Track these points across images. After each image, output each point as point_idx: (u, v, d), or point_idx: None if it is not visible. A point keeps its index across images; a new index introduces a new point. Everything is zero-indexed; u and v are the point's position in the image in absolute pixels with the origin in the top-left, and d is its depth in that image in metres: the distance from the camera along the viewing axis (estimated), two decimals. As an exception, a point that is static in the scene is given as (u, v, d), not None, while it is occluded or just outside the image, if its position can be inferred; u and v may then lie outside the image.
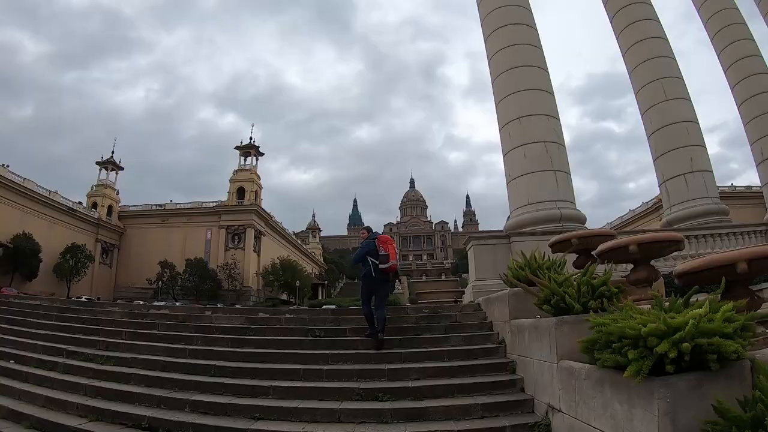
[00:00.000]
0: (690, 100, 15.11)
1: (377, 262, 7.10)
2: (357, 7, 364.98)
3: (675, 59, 15.69)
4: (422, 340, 6.83)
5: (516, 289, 6.52)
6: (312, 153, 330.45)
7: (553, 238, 7.74)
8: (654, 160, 15.06)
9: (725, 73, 17.68)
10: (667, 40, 15.99)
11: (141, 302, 47.12)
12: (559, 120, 13.83)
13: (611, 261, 6.43)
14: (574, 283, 5.32)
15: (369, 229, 7.75)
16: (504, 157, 13.79)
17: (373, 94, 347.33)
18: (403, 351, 6.47)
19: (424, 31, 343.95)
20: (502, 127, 13.97)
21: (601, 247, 6.66)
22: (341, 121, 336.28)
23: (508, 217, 13.20)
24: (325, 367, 6.21)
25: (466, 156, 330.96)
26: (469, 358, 6.36)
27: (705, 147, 14.65)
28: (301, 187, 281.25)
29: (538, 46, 14.71)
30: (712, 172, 14.40)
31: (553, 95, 14.19)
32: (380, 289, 7.15)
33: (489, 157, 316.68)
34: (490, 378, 5.87)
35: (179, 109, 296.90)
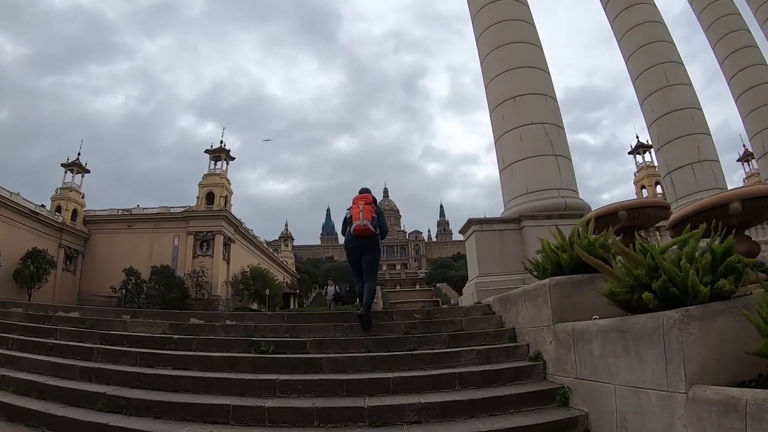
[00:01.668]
0: (692, 87, 13.34)
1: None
2: (342, 18, 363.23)
3: (675, 45, 13.95)
4: (418, 359, 4.37)
5: (560, 278, 4.22)
6: (290, 163, 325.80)
7: (591, 213, 5.55)
8: (656, 151, 13.20)
9: (721, 65, 16.14)
10: (666, 26, 14.25)
11: (103, 311, 43.67)
12: (557, 102, 11.78)
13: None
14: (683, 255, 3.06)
15: (361, 190, 6.23)
16: (496, 142, 11.59)
17: (355, 105, 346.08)
18: (391, 375, 4.03)
19: (407, 44, 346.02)
20: (494, 108, 11.79)
21: (688, 209, 4.92)
22: (321, 131, 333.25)
23: (503, 211, 10.98)
24: (269, 403, 3.73)
25: (443, 167, 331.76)
26: (491, 383, 3.99)
27: (710, 135, 12.84)
28: (278, 197, 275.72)
29: (531, 23, 12.71)
30: (719, 161, 12.59)
31: (550, 75, 12.15)
32: (363, 255, 5.78)
33: (466, 169, 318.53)
34: (533, 417, 3.51)
35: (158, 117, 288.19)
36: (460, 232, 8.71)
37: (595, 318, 4.01)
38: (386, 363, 4.30)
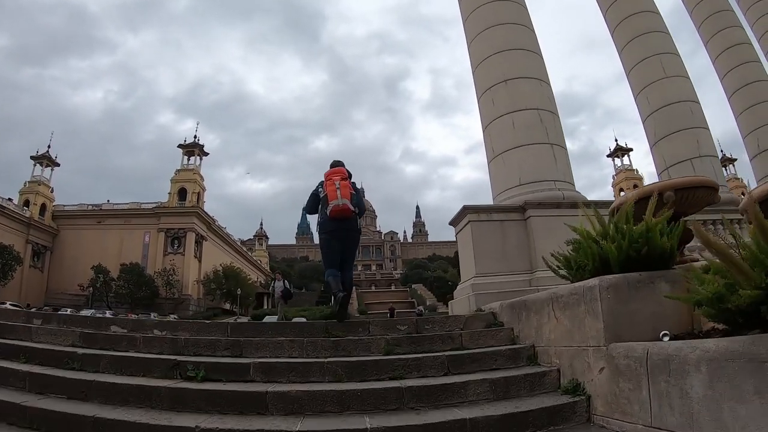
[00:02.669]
0: (690, 80, 12.33)
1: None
2: (327, 18, 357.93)
3: (671, 36, 12.94)
4: (407, 394, 2.92)
5: (613, 278, 2.88)
6: (269, 162, 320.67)
7: (629, 194, 4.26)
8: (652, 146, 12.08)
9: (713, 63, 15.24)
10: (662, 17, 13.25)
11: (68, 310, 40.95)
12: (551, 87, 10.56)
13: None
14: None
15: (332, 164, 5.22)
16: (485, 129, 10.28)
17: (336, 105, 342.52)
18: (368, 425, 2.62)
19: (390, 46, 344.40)
20: (483, 93, 10.47)
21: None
22: (302, 131, 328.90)
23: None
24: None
25: (422, 169, 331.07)
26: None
27: (709, 130, 11.84)
28: (257, 196, 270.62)
29: (523, 5, 11.50)
30: (718, 157, 11.60)
31: (543, 60, 10.93)
32: (347, 240, 4.85)
33: (445, 171, 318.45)
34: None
35: (138, 113, 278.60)
36: (451, 223, 7.31)
37: (665, 335, 2.70)
38: (361, 401, 2.85)
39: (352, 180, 4.93)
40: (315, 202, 4.95)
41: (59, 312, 42.81)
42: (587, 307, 2.89)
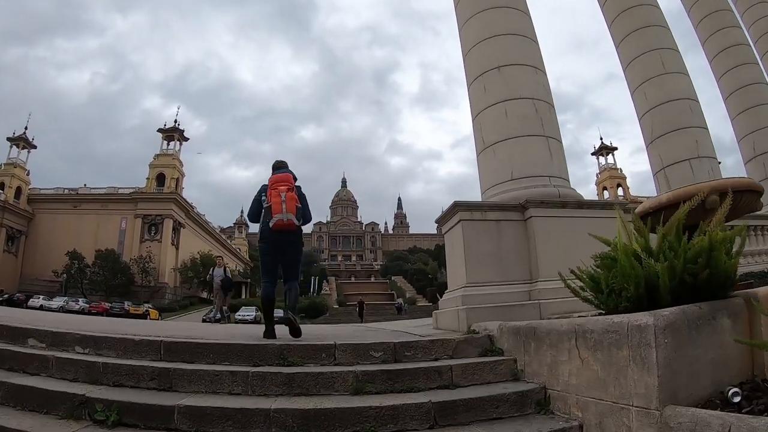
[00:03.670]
0: (690, 78, 11.67)
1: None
2: (318, 8, 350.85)
3: (671, 32, 12.26)
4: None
5: (671, 313, 2.06)
6: (255, 150, 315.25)
7: (662, 196, 3.49)
8: (648, 144, 11.39)
9: (710, 64, 14.63)
10: (662, 11, 12.55)
11: (40, 297, 39.12)
12: (547, 77, 9.75)
13: None
14: None
15: (276, 166, 4.91)
16: (475, 119, 9.39)
17: (324, 96, 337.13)
18: None
19: (381, 38, 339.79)
20: (474, 80, 9.57)
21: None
22: (290, 120, 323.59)
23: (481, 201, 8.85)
24: None
25: (407, 161, 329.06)
26: None
27: (708, 131, 11.20)
28: (242, 184, 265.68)
29: (520, -11, 10.65)
30: (717, 160, 10.96)
31: (539, 48, 10.12)
32: (285, 254, 4.49)
33: (429, 164, 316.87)
34: None
35: (125, 97, 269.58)
36: (437, 221, 6.43)
37: (735, 394, 1.91)
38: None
39: (297, 184, 4.58)
40: (258, 210, 4.57)
41: (30, 300, 40.82)
42: (633, 353, 2.06)
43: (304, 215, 4.50)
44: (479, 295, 4.66)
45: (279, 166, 4.80)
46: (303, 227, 4.57)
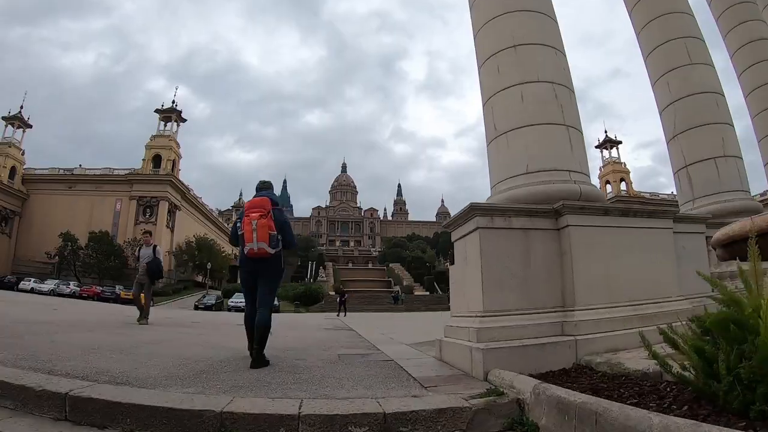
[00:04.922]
0: (716, 70, 10.63)
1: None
2: None
3: (696, 21, 11.18)
4: None
5: None
6: (259, 134, 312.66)
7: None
8: (669, 140, 10.33)
9: (731, 58, 13.54)
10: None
11: (31, 280, 37.82)
12: (567, 59, 8.64)
13: None
14: None
15: (258, 187, 4.69)
16: (485, 103, 8.24)
17: (331, 81, 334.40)
18: None
19: (389, 25, 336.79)
20: (486, 60, 8.39)
21: None
22: (295, 104, 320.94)
23: (489, 196, 7.78)
24: None
25: (410, 148, 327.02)
26: None
27: (734, 128, 10.18)
28: (244, 167, 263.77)
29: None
30: (743, 159, 9.94)
31: (558, 26, 9.00)
32: (259, 281, 4.34)
33: (433, 152, 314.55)
34: None
35: (129, 78, 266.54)
36: (446, 227, 5.20)
37: None
38: None
39: (278, 212, 4.38)
40: (236, 236, 4.49)
41: (21, 282, 39.61)
42: None
43: (284, 241, 4.41)
44: (500, 328, 3.51)
45: (260, 188, 4.67)
46: (288, 247, 4.49)
